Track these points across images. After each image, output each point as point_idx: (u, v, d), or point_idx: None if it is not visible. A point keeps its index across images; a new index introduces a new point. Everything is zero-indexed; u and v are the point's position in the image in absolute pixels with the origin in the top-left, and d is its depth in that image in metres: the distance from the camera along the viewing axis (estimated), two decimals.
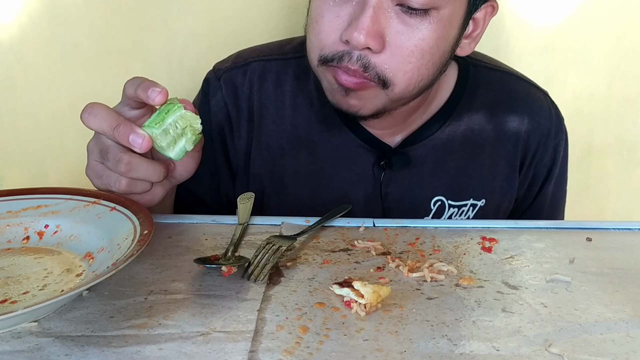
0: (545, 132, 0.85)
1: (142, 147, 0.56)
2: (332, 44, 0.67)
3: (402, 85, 0.68)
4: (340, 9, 0.66)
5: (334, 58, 0.67)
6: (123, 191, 0.60)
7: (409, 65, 0.67)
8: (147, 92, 0.57)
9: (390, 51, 0.65)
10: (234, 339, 0.43)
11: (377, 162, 0.81)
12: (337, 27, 0.66)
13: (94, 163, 0.62)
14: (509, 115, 0.83)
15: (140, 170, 0.59)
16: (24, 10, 1.06)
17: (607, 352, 0.43)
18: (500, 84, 0.85)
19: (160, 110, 0.57)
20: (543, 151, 0.86)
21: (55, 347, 0.42)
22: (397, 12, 0.64)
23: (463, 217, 0.85)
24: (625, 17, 1.14)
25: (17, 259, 0.55)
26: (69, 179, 1.13)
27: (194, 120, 0.58)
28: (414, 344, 0.43)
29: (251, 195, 0.71)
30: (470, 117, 0.82)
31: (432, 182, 0.82)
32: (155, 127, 0.57)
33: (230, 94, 0.82)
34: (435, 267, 0.55)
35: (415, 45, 0.66)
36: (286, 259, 0.57)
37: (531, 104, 0.85)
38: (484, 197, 0.84)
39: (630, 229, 0.67)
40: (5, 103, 1.11)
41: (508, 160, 0.85)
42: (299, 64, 0.82)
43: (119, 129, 0.57)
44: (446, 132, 0.81)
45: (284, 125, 0.82)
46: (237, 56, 0.86)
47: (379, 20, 0.64)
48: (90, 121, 0.58)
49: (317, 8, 0.68)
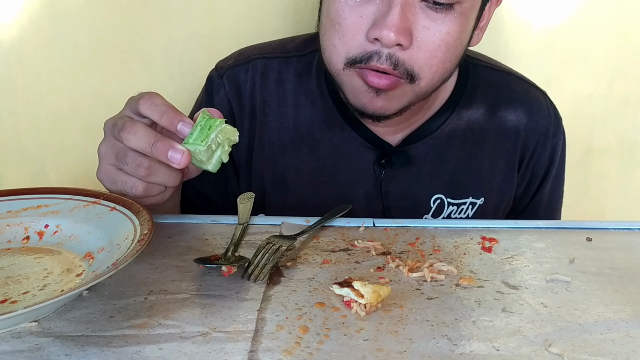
0: (543, 131, 0.86)
1: (180, 163, 0.56)
2: (359, 45, 0.67)
3: (428, 79, 0.69)
4: (363, 8, 0.66)
5: (362, 59, 0.67)
6: (139, 196, 0.60)
7: (435, 59, 0.68)
8: (175, 126, 0.57)
9: (417, 46, 0.66)
10: (234, 339, 0.43)
11: (378, 160, 0.81)
12: (362, 27, 0.66)
13: (108, 167, 0.60)
14: (508, 114, 0.84)
15: (159, 175, 0.59)
16: (24, 10, 1.06)
17: (607, 352, 0.43)
18: (500, 83, 0.85)
19: (203, 127, 0.57)
20: (541, 150, 0.86)
21: (55, 347, 0.42)
22: (423, 7, 0.65)
23: (462, 215, 0.85)
24: (625, 17, 1.14)
25: (17, 259, 0.55)
26: (69, 179, 1.13)
27: (232, 133, 0.59)
28: (414, 344, 0.43)
29: (251, 195, 0.71)
30: (470, 116, 0.82)
31: (432, 180, 0.83)
32: (201, 145, 0.57)
33: (233, 91, 0.82)
34: (435, 267, 0.55)
35: (441, 40, 0.66)
36: (286, 259, 0.57)
37: (530, 103, 0.85)
38: (483, 196, 0.85)
39: (630, 229, 0.67)
40: (5, 103, 1.11)
41: (507, 159, 0.85)
42: (301, 62, 0.83)
43: (157, 146, 0.56)
44: (446, 130, 0.82)
45: (286, 123, 0.82)
46: (239, 54, 0.86)
47: (406, 17, 0.64)
48: (130, 139, 0.57)
49: (338, 9, 0.67)
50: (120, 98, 0.63)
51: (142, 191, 0.59)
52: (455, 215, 0.85)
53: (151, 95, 0.58)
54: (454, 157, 0.83)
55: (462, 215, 0.85)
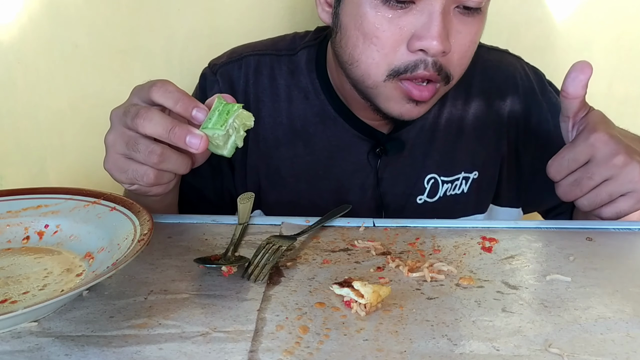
0: (529, 91, 0.87)
1: (199, 148, 0.56)
2: (402, 56, 0.68)
3: (457, 77, 0.72)
4: (401, 20, 0.67)
5: (407, 69, 0.68)
6: (150, 184, 0.59)
7: (464, 59, 0.71)
8: (190, 112, 0.57)
9: (452, 50, 0.68)
10: (234, 339, 0.43)
11: (372, 150, 0.83)
12: (402, 38, 0.67)
13: (117, 156, 0.60)
14: (486, 86, 0.86)
15: (171, 162, 0.58)
16: (24, 11, 1.06)
17: (607, 352, 0.43)
18: (474, 57, 0.86)
19: (221, 111, 0.57)
20: (537, 109, 0.87)
21: (55, 347, 0.42)
22: (456, 13, 0.68)
23: (457, 191, 0.86)
24: (625, 17, 1.14)
25: (17, 259, 0.55)
26: (69, 179, 1.13)
27: (248, 118, 0.59)
28: (414, 344, 0.43)
29: (251, 195, 0.71)
30: (452, 95, 0.84)
31: (425, 161, 0.84)
32: (220, 129, 0.57)
33: (226, 87, 0.84)
34: (435, 267, 0.55)
35: (471, 41, 0.70)
36: (286, 259, 0.57)
37: (505, 69, 0.87)
38: (476, 170, 0.86)
39: (630, 229, 0.67)
40: (5, 103, 1.11)
41: (494, 129, 0.86)
42: (292, 61, 0.85)
43: (174, 131, 0.56)
44: (432, 111, 0.83)
45: (279, 118, 0.84)
46: (231, 52, 0.88)
47: (446, 25, 0.66)
48: (146, 126, 0.56)
49: (374, 23, 0.68)
50: (120, 98, 0.63)
51: (153, 179, 0.58)
52: (451, 192, 0.86)
53: (164, 83, 0.58)
54: (441, 136, 0.84)
55: (458, 192, 0.86)
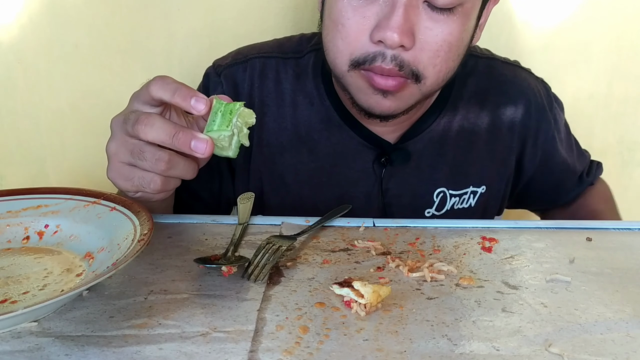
0: (540, 107, 0.87)
1: (205, 152, 0.55)
2: (362, 46, 0.67)
3: (433, 79, 0.69)
4: (366, 9, 0.66)
5: (366, 60, 0.67)
6: (156, 191, 0.58)
7: (437, 59, 0.68)
8: (188, 102, 0.55)
9: (420, 46, 0.66)
10: (234, 339, 0.43)
11: (377, 159, 0.81)
12: (365, 28, 0.66)
13: (120, 165, 0.58)
14: (501, 100, 0.85)
15: (179, 168, 0.57)
16: (24, 11, 1.06)
17: (607, 352, 0.43)
18: (488, 70, 0.86)
19: (223, 112, 0.56)
20: (545, 125, 0.87)
21: (55, 347, 0.42)
22: (425, 8, 0.65)
23: (465, 205, 0.86)
24: (624, 17, 1.14)
25: (17, 259, 0.55)
26: (69, 179, 1.13)
27: (249, 115, 0.58)
28: (414, 344, 0.43)
29: (251, 195, 0.71)
30: (464, 106, 0.83)
31: (433, 174, 0.83)
32: (227, 130, 0.56)
33: (230, 90, 0.82)
34: (435, 267, 0.55)
35: (443, 40, 0.67)
36: (286, 259, 0.57)
37: (519, 84, 0.87)
38: (484, 184, 0.85)
39: (630, 229, 0.67)
40: (5, 103, 1.11)
41: (505, 144, 0.86)
42: (298, 65, 0.83)
43: (178, 137, 0.54)
44: (442, 123, 0.82)
45: (284, 123, 0.82)
46: (237, 53, 0.86)
47: (409, 18, 0.64)
48: (147, 132, 0.55)
49: (341, 11, 0.67)
50: (120, 98, 0.62)
51: (160, 185, 0.57)
52: (458, 206, 0.85)
53: (162, 77, 0.57)
54: (451, 149, 0.83)
55: (465, 205, 0.86)
